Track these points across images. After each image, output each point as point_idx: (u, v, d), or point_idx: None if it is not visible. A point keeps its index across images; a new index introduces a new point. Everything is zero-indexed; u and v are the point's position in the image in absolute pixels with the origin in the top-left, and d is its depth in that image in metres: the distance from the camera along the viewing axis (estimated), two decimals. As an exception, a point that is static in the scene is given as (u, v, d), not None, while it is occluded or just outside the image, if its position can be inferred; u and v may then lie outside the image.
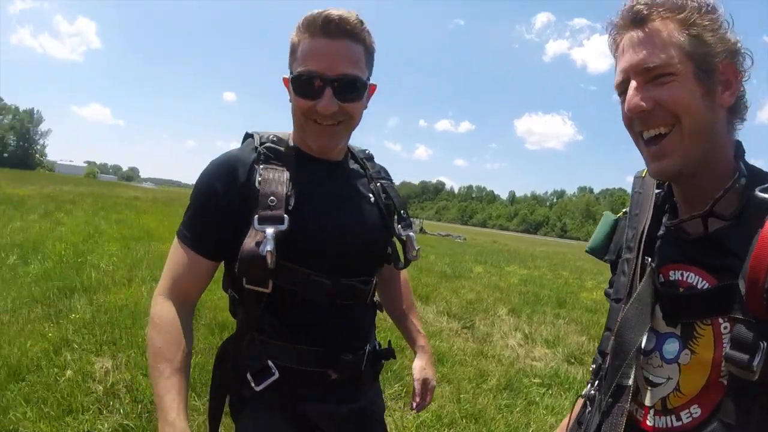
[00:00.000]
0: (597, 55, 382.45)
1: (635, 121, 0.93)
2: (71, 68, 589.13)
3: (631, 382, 0.96)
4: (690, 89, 0.86)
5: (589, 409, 1.08)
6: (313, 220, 1.23)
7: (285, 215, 1.15)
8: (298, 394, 1.27)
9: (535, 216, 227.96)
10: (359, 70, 1.20)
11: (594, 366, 1.12)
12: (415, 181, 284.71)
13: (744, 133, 0.96)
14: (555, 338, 6.43)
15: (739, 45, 0.89)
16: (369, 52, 1.24)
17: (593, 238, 1.20)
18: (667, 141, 0.90)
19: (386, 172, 1.51)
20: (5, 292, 5.14)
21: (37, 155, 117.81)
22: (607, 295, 1.16)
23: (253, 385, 1.22)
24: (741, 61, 0.90)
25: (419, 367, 1.58)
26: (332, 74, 1.16)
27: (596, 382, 1.08)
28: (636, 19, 0.90)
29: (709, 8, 0.88)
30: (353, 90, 1.20)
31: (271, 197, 1.16)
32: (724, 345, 0.85)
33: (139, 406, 3.19)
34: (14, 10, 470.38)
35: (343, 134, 1.28)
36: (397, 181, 1.55)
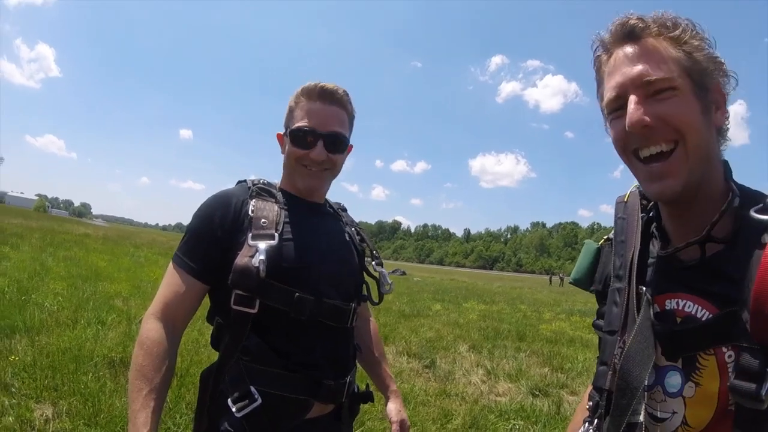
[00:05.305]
0: (549, 95, 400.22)
1: (633, 138, 0.87)
2: (28, 95, 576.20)
3: (642, 418, 0.91)
4: (692, 105, 0.84)
5: None
6: (298, 242, 1.36)
7: (275, 233, 1.31)
8: (279, 427, 1.29)
9: (490, 252, 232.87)
10: (344, 129, 1.45)
11: (591, 403, 1.03)
12: (372, 221, 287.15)
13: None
14: (518, 372, 6.37)
15: (725, 66, 0.87)
16: (351, 118, 1.50)
17: (576, 268, 1.15)
18: (673, 159, 0.84)
19: (355, 222, 1.69)
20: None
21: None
22: (596, 327, 1.08)
23: (234, 410, 1.23)
24: (727, 82, 0.88)
25: (395, 409, 1.62)
26: (324, 130, 1.40)
27: (595, 421, 1.01)
28: (629, 35, 0.88)
29: (699, 29, 0.87)
30: (339, 145, 1.44)
31: (263, 219, 1.32)
32: (730, 374, 0.80)
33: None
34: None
35: (327, 179, 1.49)
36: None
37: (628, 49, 0.87)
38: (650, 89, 0.84)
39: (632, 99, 0.85)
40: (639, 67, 0.85)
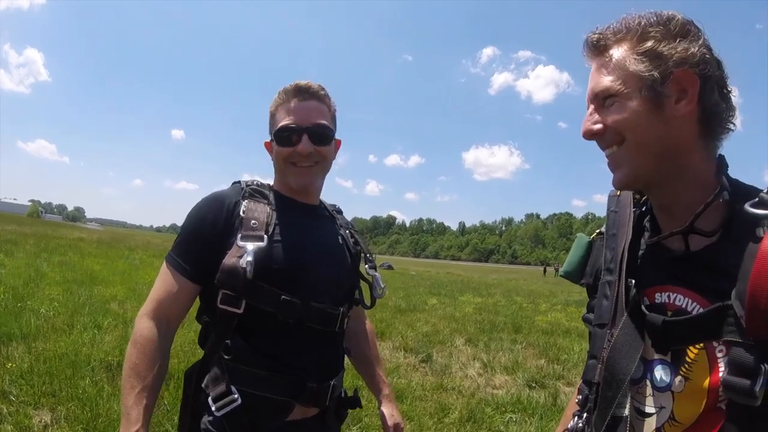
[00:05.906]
0: (541, 85, 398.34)
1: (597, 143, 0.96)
2: (18, 101, 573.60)
3: (627, 412, 0.91)
4: (633, 107, 0.87)
5: None
6: (288, 245, 1.36)
7: (264, 235, 1.31)
8: (259, 427, 1.29)
9: (485, 244, 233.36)
10: (327, 121, 1.45)
11: (580, 397, 1.04)
12: (367, 217, 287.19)
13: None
14: (514, 364, 6.41)
15: (693, 51, 0.85)
16: (332, 112, 1.49)
17: (567, 261, 1.16)
18: (615, 155, 0.92)
19: (351, 224, 1.69)
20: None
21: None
22: (586, 320, 1.09)
23: (213, 409, 1.25)
24: (703, 67, 0.85)
25: (388, 413, 1.65)
26: (307, 124, 1.40)
27: (584, 415, 1.02)
28: (593, 49, 0.94)
29: (660, 19, 0.88)
30: (325, 136, 1.43)
31: (253, 221, 1.33)
32: (721, 370, 0.79)
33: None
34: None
35: (319, 174, 1.47)
36: (348, 217, 1.70)
37: (592, 65, 0.95)
38: (599, 100, 0.92)
39: (587, 112, 0.95)
40: (592, 83, 0.94)
